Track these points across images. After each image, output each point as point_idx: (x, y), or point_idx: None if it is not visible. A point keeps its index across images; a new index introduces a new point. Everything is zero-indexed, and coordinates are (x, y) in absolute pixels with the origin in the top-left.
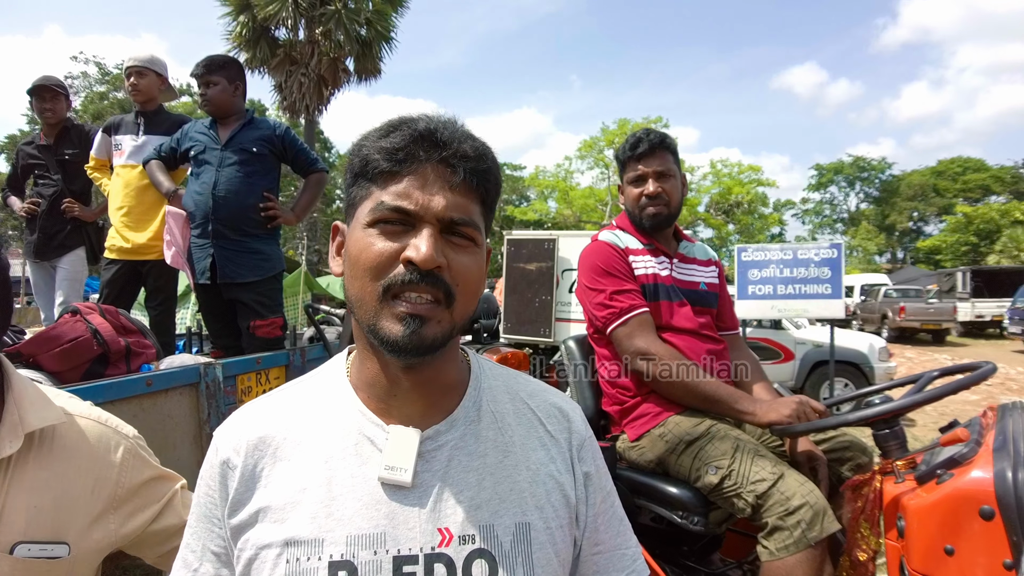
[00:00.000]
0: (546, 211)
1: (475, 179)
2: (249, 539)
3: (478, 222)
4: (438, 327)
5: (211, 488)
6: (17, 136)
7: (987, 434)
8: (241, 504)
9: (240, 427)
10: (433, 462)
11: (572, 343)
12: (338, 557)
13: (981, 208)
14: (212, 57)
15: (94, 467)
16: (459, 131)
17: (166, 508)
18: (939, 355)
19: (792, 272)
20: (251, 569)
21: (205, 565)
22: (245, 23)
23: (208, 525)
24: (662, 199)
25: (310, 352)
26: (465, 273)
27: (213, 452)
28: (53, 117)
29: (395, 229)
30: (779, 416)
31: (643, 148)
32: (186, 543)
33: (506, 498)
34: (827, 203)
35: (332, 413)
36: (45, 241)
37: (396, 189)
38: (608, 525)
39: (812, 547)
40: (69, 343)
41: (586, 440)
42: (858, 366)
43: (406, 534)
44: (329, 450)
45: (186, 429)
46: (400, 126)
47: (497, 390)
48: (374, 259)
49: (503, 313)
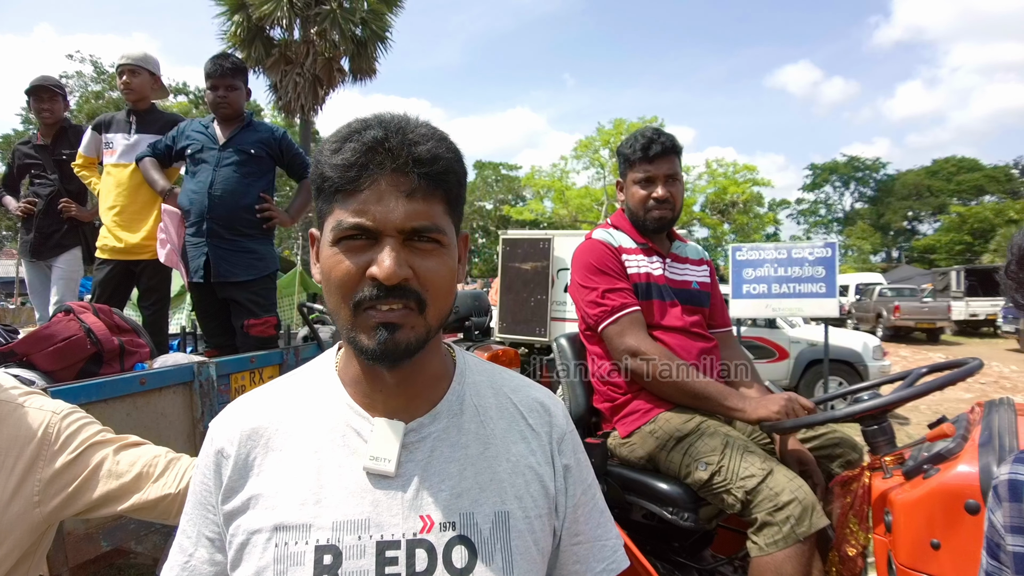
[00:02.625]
0: (542, 211)
1: (432, 182)
2: (240, 525)
3: (441, 224)
4: (412, 332)
5: (206, 476)
6: (11, 136)
7: (973, 429)
8: (234, 492)
9: (234, 418)
10: (416, 453)
11: (564, 341)
12: (324, 541)
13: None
14: (234, 60)
15: (13, 446)
16: (411, 133)
17: (103, 470)
18: (933, 354)
19: (787, 271)
20: (242, 554)
21: (200, 550)
22: (240, 23)
23: (203, 512)
24: (669, 203)
25: (304, 351)
26: (433, 278)
27: (208, 442)
28: (51, 117)
29: (358, 244)
30: (768, 413)
31: (656, 150)
32: (182, 529)
33: (486, 487)
34: (822, 203)
35: (321, 406)
36: (42, 241)
37: (354, 206)
38: (588, 517)
39: (801, 542)
40: (63, 342)
41: (566, 434)
42: (852, 365)
43: (389, 520)
44: (318, 441)
45: (180, 427)
46: (350, 137)
47: (481, 385)
48: (341, 278)
49: (499, 312)
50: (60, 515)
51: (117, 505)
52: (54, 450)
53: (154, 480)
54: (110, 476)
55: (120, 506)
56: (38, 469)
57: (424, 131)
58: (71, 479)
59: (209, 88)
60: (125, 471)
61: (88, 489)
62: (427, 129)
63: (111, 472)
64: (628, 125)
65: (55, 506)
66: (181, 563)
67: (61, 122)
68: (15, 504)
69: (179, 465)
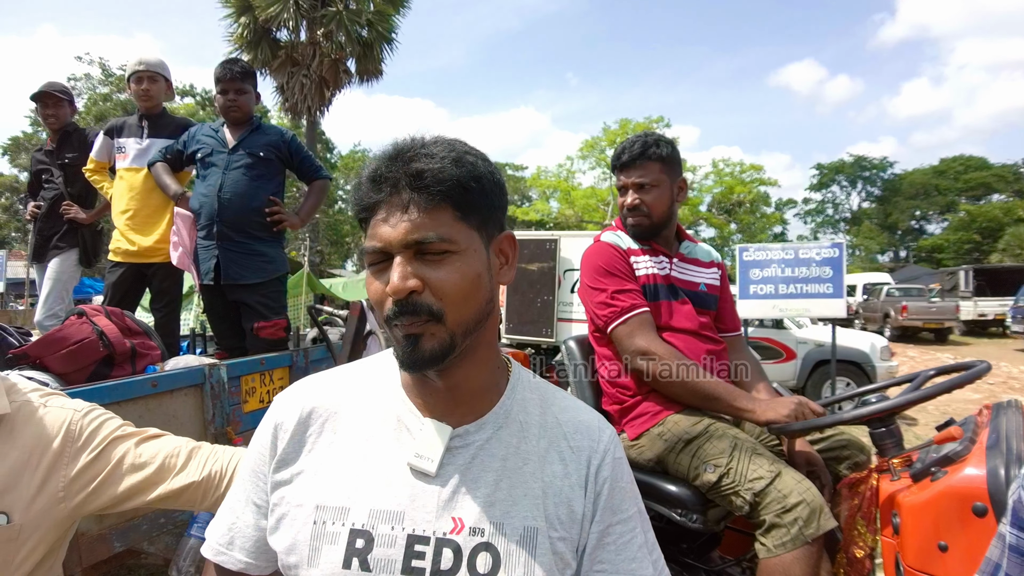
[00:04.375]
0: (548, 211)
1: (427, 193)
2: (285, 496)
3: (447, 232)
4: (434, 340)
5: (263, 446)
6: (20, 138)
7: (981, 432)
8: (285, 464)
9: (298, 396)
10: (458, 457)
11: (572, 343)
12: (359, 526)
13: (984, 206)
14: (243, 64)
15: (37, 445)
16: (409, 153)
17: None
18: (941, 354)
19: (794, 271)
20: (281, 523)
21: (247, 514)
22: (246, 24)
23: (254, 479)
24: (640, 211)
25: (313, 353)
26: (445, 286)
27: (270, 414)
28: (56, 123)
29: (381, 267)
30: (777, 415)
31: (624, 159)
32: (233, 491)
33: (519, 501)
34: (829, 203)
35: (380, 398)
36: (42, 243)
37: (371, 231)
38: (621, 548)
39: (809, 544)
40: (75, 345)
41: (607, 460)
42: (860, 365)
43: (423, 516)
44: (370, 430)
45: (191, 430)
46: (362, 173)
47: (530, 402)
48: (375, 298)
49: (505, 313)
50: (85, 510)
51: (143, 497)
52: (77, 447)
53: (177, 471)
54: (133, 469)
55: (146, 498)
56: (62, 466)
57: (423, 148)
58: (95, 475)
59: (219, 92)
60: (148, 463)
61: (112, 483)
62: (429, 146)
63: (134, 465)
64: (634, 125)
65: (80, 501)
66: (229, 523)
67: (66, 126)
68: (41, 501)
69: (201, 453)
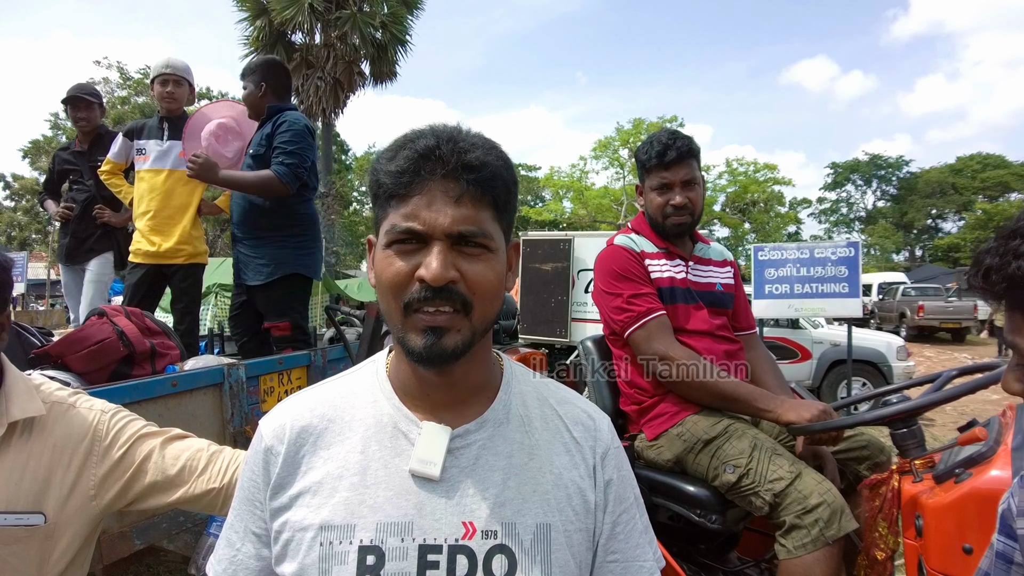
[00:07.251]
0: (561, 211)
1: (480, 188)
2: (287, 521)
3: (489, 229)
4: (458, 335)
5: (255, 473)
6: (40, 141)
7: (1006, 433)
8: (282, 489)
9: (284, 417)
10: (461, 458)
11: (590, 343)
12: (368, 542)
13: (1001, 205)
14: (250, 62)
15: (68, 445)
16: (462, 142)
17: (150, 462)
18: (959, 354)
19: (809, 271)
20: (287, 550)
21: (247, 545)
22: (262, 27)
23: (251, 508)
24: (687, 209)
25: (331, 353)
26: (480, 281)
27: (258, 439)
28: (87, 125)
29: (409, 248)
30: (798, 417)
31: (671, 156)
32: (229, 523)
33: (529, 498)
34: (843, 202)
35: (371, 407)
36: (76, 245)
37: (405, 211)
38: (628, 536)
39: (830, 545)
40: (96, 345)
41: (610, 449)
42: (876, 365)
43: (432, 524)
44: (365, 442)
45: (210, 429)
46: (405, 146)
47: (528, 395)
48: (392, 279)
49: (519, 313)
50: (114, 506)
51: (165, 498)
52: (105, 445)
53: (198, 475)
54: (157, 469)
55: (167, 499)
56: (92, 465)
57: (475, 140)
58: (122, 472)
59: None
60: (171, 465)
61: (137, 480)
62: (478, 138)
63: (157, 466)
64: (647, 125)
65: (110, 498)
66: (229, 557)
67: (98, 129)
68: (74, 500)
69: (222, 458)
